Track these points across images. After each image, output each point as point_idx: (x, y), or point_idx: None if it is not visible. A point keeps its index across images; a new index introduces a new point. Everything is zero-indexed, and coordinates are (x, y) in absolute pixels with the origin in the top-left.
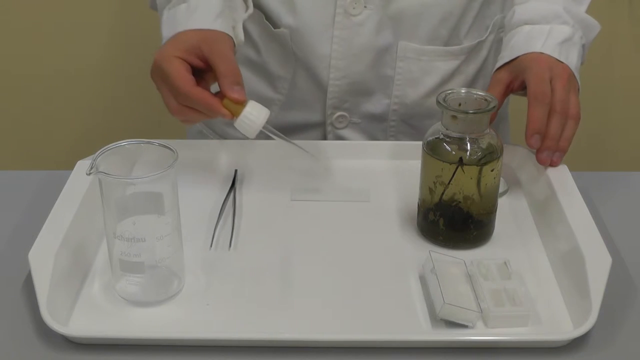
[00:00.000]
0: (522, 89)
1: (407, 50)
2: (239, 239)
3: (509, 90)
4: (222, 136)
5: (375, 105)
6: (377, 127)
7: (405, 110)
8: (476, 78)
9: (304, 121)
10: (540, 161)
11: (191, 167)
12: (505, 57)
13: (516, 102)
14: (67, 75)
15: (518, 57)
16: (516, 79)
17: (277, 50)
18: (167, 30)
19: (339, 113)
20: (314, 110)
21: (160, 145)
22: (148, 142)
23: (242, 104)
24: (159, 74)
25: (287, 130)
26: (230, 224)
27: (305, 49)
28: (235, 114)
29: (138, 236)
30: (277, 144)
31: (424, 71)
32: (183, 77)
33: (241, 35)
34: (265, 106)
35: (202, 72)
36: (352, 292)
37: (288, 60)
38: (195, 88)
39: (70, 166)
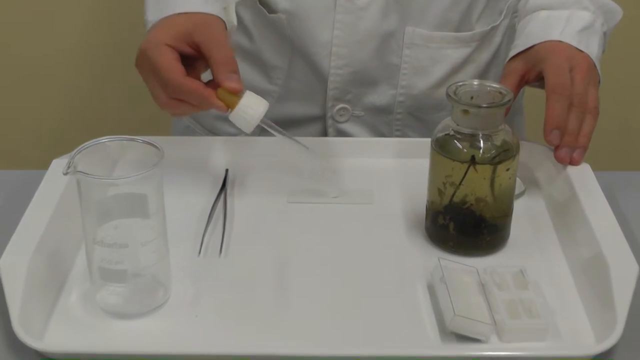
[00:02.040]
0: (538, 80)
1: (415, 37)
2: (231, 244)
3: (523, 81)
4: (212, 131)
5: (380, 96)
6: (382, 120)
7: (412, 102)
8: (489, 67)
9: (302, 114)
10: (559, 159)
11: (178, 167)
12: (519, 45)
13: (532, 93)
14: (41, 65)
15: (534, 45)
16: (532, 69)
17: (272, 38)
18: (153, 14)
19: (340, 105)
20: (313, 102)
21: (144, 142)
22: (131, 139)
23: (237, 94)
24: (146, 64)
25: (284, 124)
26: (221, 228)
27: (304, 35)
28: (230, 106)
29: (120, 242)
30: (272, 141)
31: (433, 59)
32: (173, 67)
33: (234, 19)
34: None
35: (193, 60)
36: (353, 302)
37: (284, 48)
38: (186, 79)
39: (45, 165)
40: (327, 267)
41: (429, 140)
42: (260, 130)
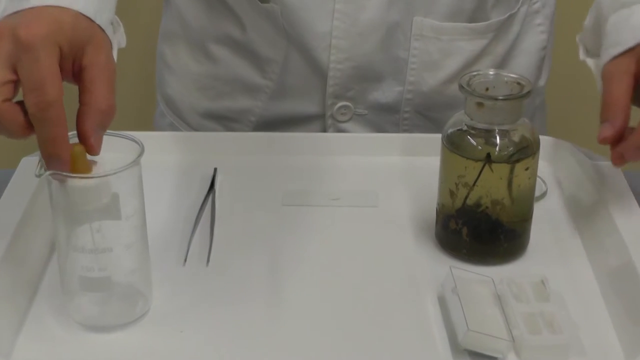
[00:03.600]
0: None
1: (424, 28)
2: (219, 252)
3: (636, 84)
4: (199, 131)
5: (386, 93)
6: (387, 119)
7: (422, 100)
8: (506, 59)
9: (299, 113)
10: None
11: (161, 165)
12: (625, 40)
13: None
14: None
15: None
16: None
17: (265, 29)
18: None
19: (341, 103)
20: (311, 99)
21: (122, 137)
22: (108, 134)
23: (88, 164)
24: (15, 53)
25: (279, 123)
26: (209, 234)
27: (300, 26)
28: (73, 169)
29: (103, 246)
30: (266, 137)
31: (444, 53)
32: (57, 80)
33: (123, 41)
34: (253, 94)
35: None
36: (356, 316)
37: (279, 40)
38: (62, 103)
39: (13, 164)
40: (326, 277)
41: (439, 136)
42: (253, 128)
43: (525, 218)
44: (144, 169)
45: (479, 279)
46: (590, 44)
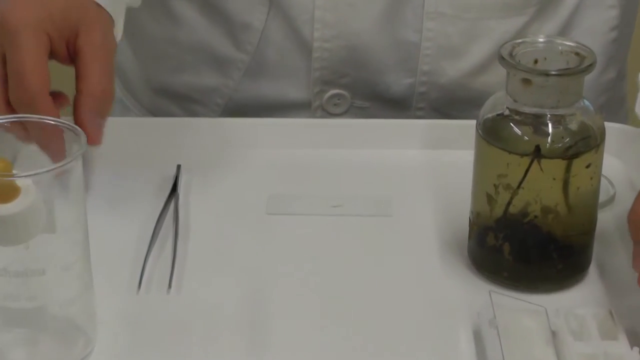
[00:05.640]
0: None
1: (440, 3)
2: (184, 275)
3: None
4: (152, 112)
5: (392, 85)
6: (396, 116)
7: (439, 94)
8: None
9: (279, 99)
10: None
11: (108, 161)
12: None
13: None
14: None
15: None
16: None
17: None
18: None
19: (333, 91)
20: (295, 83)
21: (57, 124)
22: (39, 120)
23: (17, 190)
24: (1, 40)
25: (253, 111)
26: (171, 251)
27: None
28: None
29: (32, 267)
30: (246, 124)
31: (468, 35)
32: (40, 69)
33: (121, 30)
34: (222, 70)
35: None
36: (366, 355)
37: (260, 2)
38: (47, 96)
39: None
40: (325, 308)
41: (473, 123)
42: (220, 113)
43: (586, 231)
44: (87, 166)
45: (528, 309)
46: None
